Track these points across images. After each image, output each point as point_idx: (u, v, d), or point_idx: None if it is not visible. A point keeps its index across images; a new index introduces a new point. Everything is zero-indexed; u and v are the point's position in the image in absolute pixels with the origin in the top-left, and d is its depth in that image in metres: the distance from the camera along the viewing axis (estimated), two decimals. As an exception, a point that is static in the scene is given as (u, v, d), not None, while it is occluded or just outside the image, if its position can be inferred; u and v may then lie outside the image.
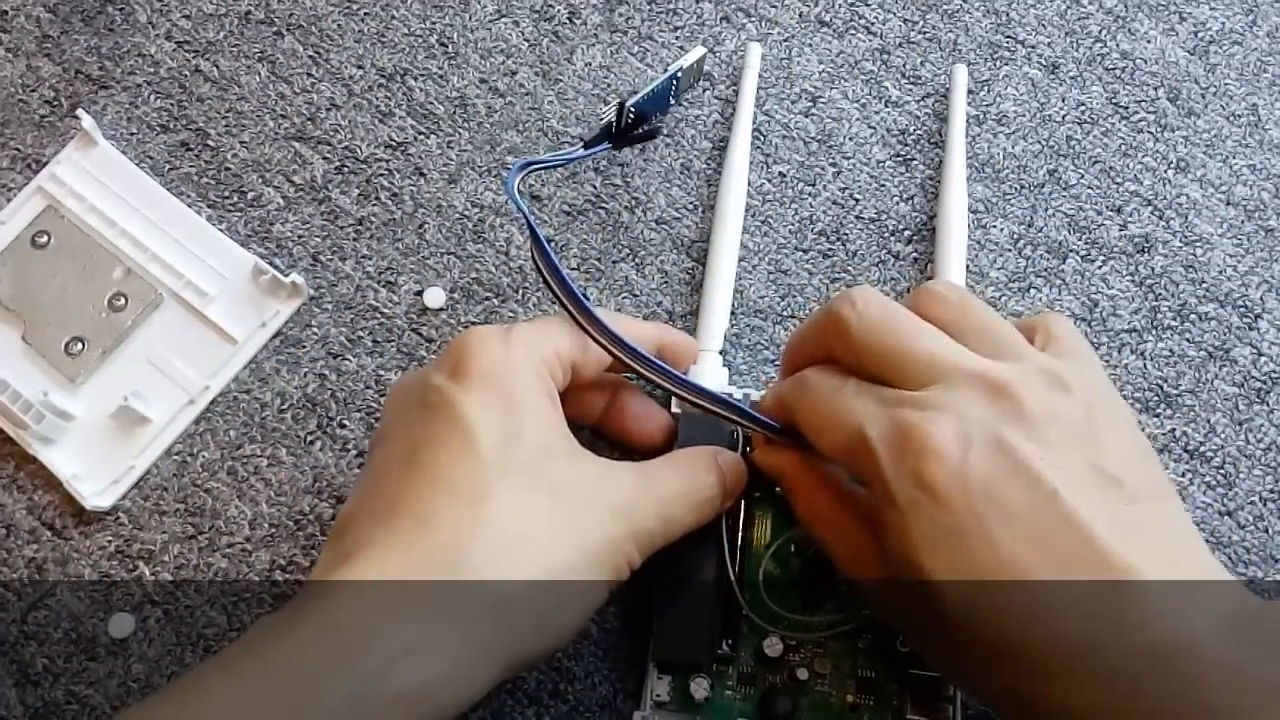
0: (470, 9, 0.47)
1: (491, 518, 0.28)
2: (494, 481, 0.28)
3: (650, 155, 0.44)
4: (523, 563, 0.28)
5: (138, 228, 0.43)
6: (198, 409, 0.41)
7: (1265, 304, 0.41)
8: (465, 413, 0.29)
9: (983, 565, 0.25)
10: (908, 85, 0.45)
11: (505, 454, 0.29)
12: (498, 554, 0.28)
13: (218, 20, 0.47)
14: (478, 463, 0.29)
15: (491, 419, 0.29)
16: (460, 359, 0.30)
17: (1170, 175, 0.43)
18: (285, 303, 0.43)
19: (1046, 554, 0.25)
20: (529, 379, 0.30)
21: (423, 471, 0.29)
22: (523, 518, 0.28)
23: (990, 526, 0.25)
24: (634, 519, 0.30)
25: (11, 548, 0.40)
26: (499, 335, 0.31)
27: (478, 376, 0.30)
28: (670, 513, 0.31)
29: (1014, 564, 0.25)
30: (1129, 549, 0.25)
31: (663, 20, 0.46)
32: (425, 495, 0.28)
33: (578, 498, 0.29)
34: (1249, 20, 0.46)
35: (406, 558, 0.27)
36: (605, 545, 0.29)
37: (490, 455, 0.29)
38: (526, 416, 0.30)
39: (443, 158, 0.45)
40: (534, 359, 0.31)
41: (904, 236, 0.43)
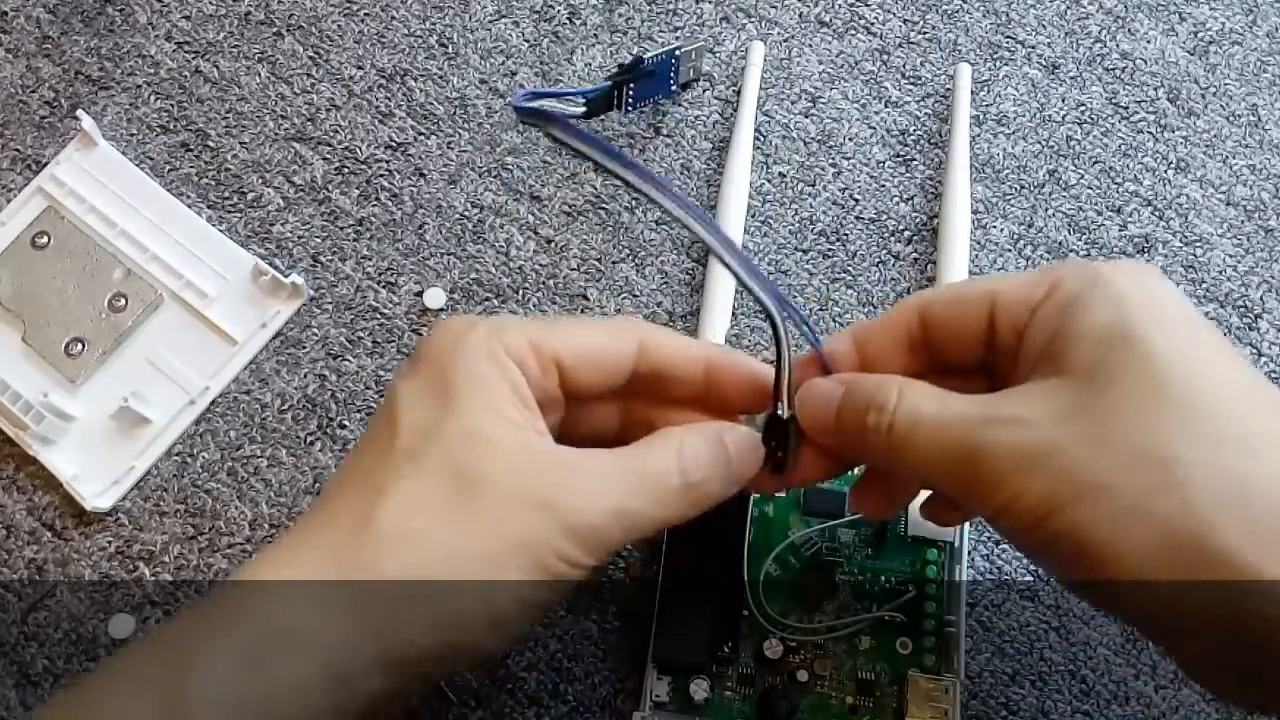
0: (470, 9, 0.47)
1: (384, 510, 0.26)
2: (400, 471, 0.27)
3: (650, 155, 0.44)
4: (409, 557, 0.26)
5: (138, 228, 0.43)
6: (198, 410, 0.41)
7: (1265, 304, 0.41)
8: (398, 400, 0.28)
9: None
10: (908, 85, 0.45)
11: (421, 442, 0.27)
12: (383, 548, 0.26)
13: (218, 21, 0.47)
14: (392, 451, 0.27)
15: (419, 405, 0.28)
16: (418, 348, 0.29)
17: (1170, 175, 0.43)
18: (285, 303, 0.43)
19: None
20: (475, 363, 0.28)
21: (348, 467, 0.29)
22: (419, 510, 0.26)
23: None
24: (566, 513, 0.27)
25: (11, 548, 0.40)
26: (464, 322, 0.29)
27: (424, 361, 0.29)
28: (624, 506, 0.28)
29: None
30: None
31: (663, 20, 0.46)
32: (342, 488, 0.28)
33: (498, 489, 0.27)
34: (1249, 20, 0.46)
35: (309, 554, 0.27)
36: (520, 540, 0.27)
37: (405, 444, 0.27)
38: (459, 401, 0.27)
39: (443, 158, 0.45)
40: (489, 344, 0.28)
41: (904, 236, 0.43)
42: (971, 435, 0.26)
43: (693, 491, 0.29)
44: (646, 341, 0.30)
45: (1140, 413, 0.24)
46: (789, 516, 0.37)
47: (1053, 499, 0.24)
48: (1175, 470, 0.23)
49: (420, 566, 0.26)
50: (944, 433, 0.26)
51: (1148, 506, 0.23)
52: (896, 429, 0.27)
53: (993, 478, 0.25)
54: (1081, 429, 0.24)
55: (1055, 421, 0.25)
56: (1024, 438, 0.25)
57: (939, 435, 0.26)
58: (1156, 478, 0.23)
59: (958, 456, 0.26)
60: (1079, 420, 0.24)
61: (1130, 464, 0.24)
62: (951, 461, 0.26)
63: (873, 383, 0.28)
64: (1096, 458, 0.24)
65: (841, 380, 0.29)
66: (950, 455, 0.26)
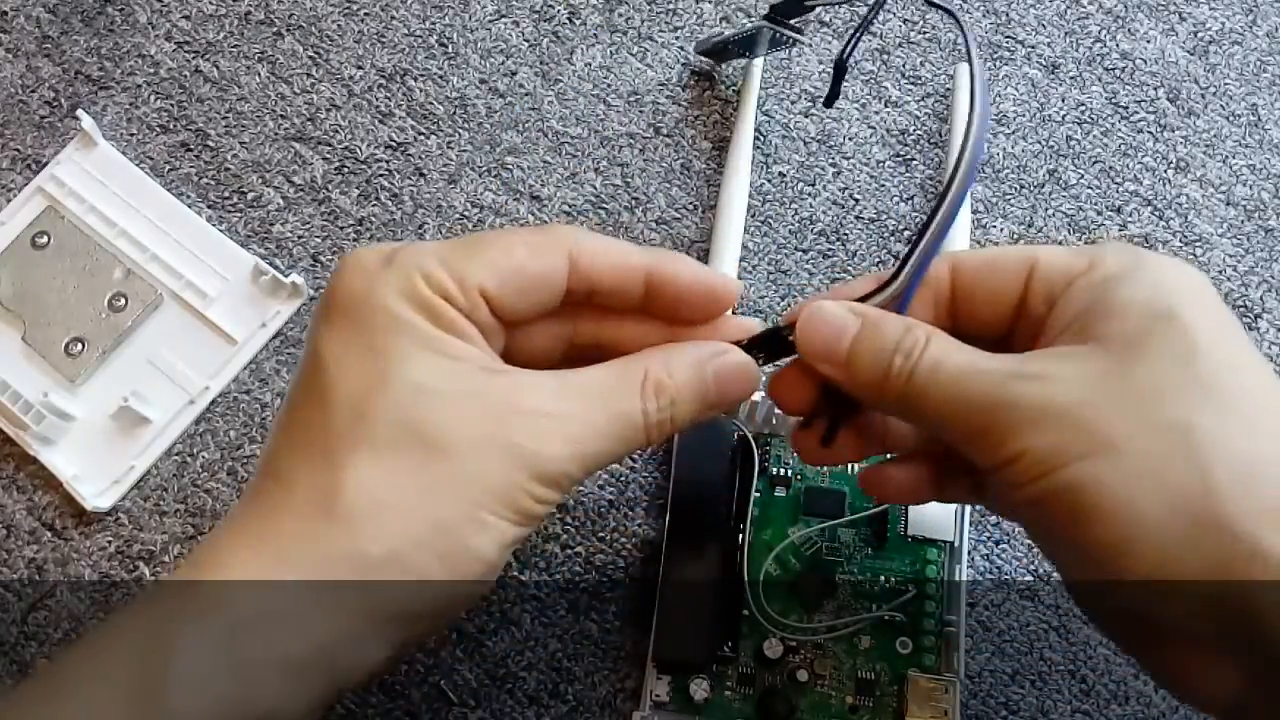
0: (470, 9, 0.47)
1: (349, 484, 0.25)
2: (353, 439, 0.25)
3: (650, 155, 0.44)
4: (388, 529, 0.25)
5: (138, 228, 0.43)
6: (198, 409, 0.41)
7: (1265, 304, 0.41)
8: (323, 357, 0.26)
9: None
10: (908, 85, 0.45)
11: (365, 405, 0.26)
12: (357, 522, 0.25)
13: (218, 21, 0.47)
14: (335, 417, 0.26)
15: (351, 363, 0.26)
16: (329, 289, 0.27)
17: (1170, 175, 0.43)
18: (285, 303, 0.43)
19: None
20: (398, 307, 0.26)
21: (288, 431, 0.27)
22: (385, 480, 0.25)
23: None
24: (534, 458, 0.26)
25: (12, 548, 0.40)
26: (372, 257, 0.27)
27: (339, 310, 0.27)
28: (591, 449, 0.27)
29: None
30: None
31: (663, 20, 0.46)
32: (286, 455, 0.26)
33: (461, 442, 0.26)
34: (1249, 20, 0.46)
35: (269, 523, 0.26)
36: (494, 490, 0.26)
37: (347, 408, 0.26)
38: (392, 353, 0.26)
39: (443, 158, 0.45)
40: (407, 282, 0.26)
41: (904, 236, 0.43)
42: (996, 387, 0.25)
43: (659, 428, 0.28)
44: (577, 254, 0.28)
45: (1171, 383, 0.24)
46: (789, 516, 0.37)
47: (1063, 452, 0.24)
48: (1195, 439, 0.24)
49: (401, 540, 0.25)
50: (967, 382, 0.26)
51: (1164, 470, 0.24)
52: (918, 374, 0.26)
53: (1007, 428, 0.25)
54: (1109, 391, 0.25)
55: (1084, 382, 0.25)
56: (1049, 392, 0.25)
57: (961, 385, 0.26)
58: (1177, 444, 0.24)
59: (977, 406, 0.26)
60: (1108, 383, 0.25)
61: (1153, 429, 0.24)
62: (969, 411, 0.26)
63: (900, 325, 0.27)
64: (1120, 419, 0.24)
65: (856, 311, 0.28)
66: (969, 404, 0.26)
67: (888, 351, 0.27)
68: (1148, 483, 0.24)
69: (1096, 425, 0.24)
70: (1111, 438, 0.24)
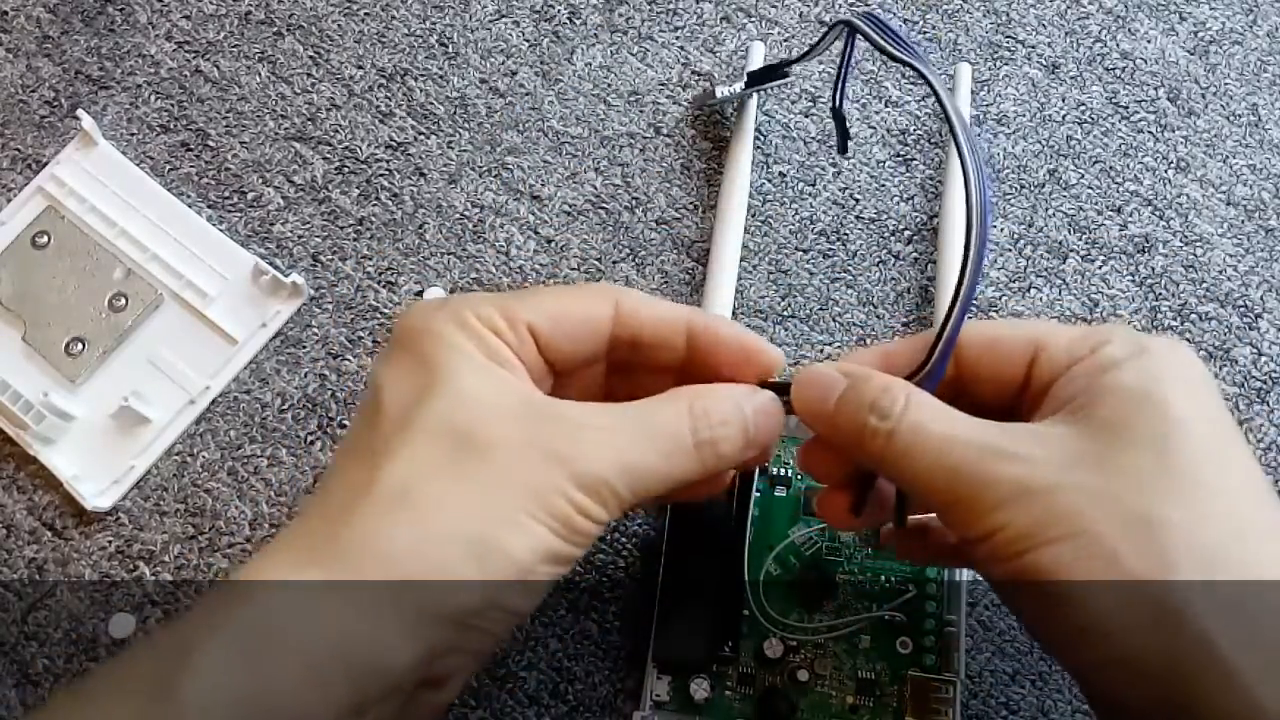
0: (470, 9, 0.47)
1: (384, 475, 0.26)
2: (390, 441, 0.26)
3: (650, 155, 0.44)
4: (418, 517, 0.25)
5: (138, 228, 0.43)
6: (198, 409, 0.41)
7: (1265, 304, 0.41)
8: (378, 379, 0.28)
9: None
10: (908, 85, 0.45)
11: (406, 413, 0.26)
12: (386, 510, 0.25)
13: (218, 21, 0.47)
14: (381, 424, 0.27)
15: (402, 379, 0.27)
16: (393, 333, 0.29)
17: (1170, 175, 0.43)
18: (285, 303, 0.43)
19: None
20: (450, 333, 0.28)
21: (340, 450, 0.28)
22: (421, 470, 0.26)
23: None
24: (575, 462, 0.26)
25: (12, 548, 0.40)
26: (433, 302, 0.29)
27: (398, 344, 0.28)
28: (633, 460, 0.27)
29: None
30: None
31: (663, 20, 0.46)
32: (332, 468, 0.28)
33: (499, 441, 0.26)
34: (1249, 20, 0.46)
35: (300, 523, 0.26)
36: (531, 488, 0.26)
37: (393, 414, 0.27)
38: (442, 368, 0.27)
39: (443, 158, 0.45)
40: (460, 314, 0.28)
41: (904, 236, 0.43)
42: (975, 462, 0.26)
43: (704, 449, 0.28)
44: (622, 306, 0.30)
45: (1144, 473, 0.25)
46: (789, 516, 0.37)
47: (1036, 535, 0.25)
48: (1160, 532, 0.24)
49: (435, 522, 0.25)
50: (947, 453, 0.26)
51: (1129, 560, 0.24)
52: (898, 438, 0.27)
53: (986, 505, 0.26)
54: (1083, 477, 0.25)
55: (1060, 465, 0.25)
56: (1026, 474, 0.25)
57: (941, 454, 0.26)
58: (1142, 534, 0.24)
59: (956, 478, 0.26)
60: (1083, 468, 0.25)
61: (1121, 518, 0.25)
62: (948, 481, 0.26)
63: (880, 383, 0.28)
64: (1090, 505, 0.25)
65: (845, 373, 0.29)
66: (949, 475, 0.26)
67: (864, 410, 0.27)
68: (1112, 571, 0.24)
69: (1069, 510, 0.25)
70: (1082, 524, 0.25)
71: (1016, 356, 0.29)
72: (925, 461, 0.26)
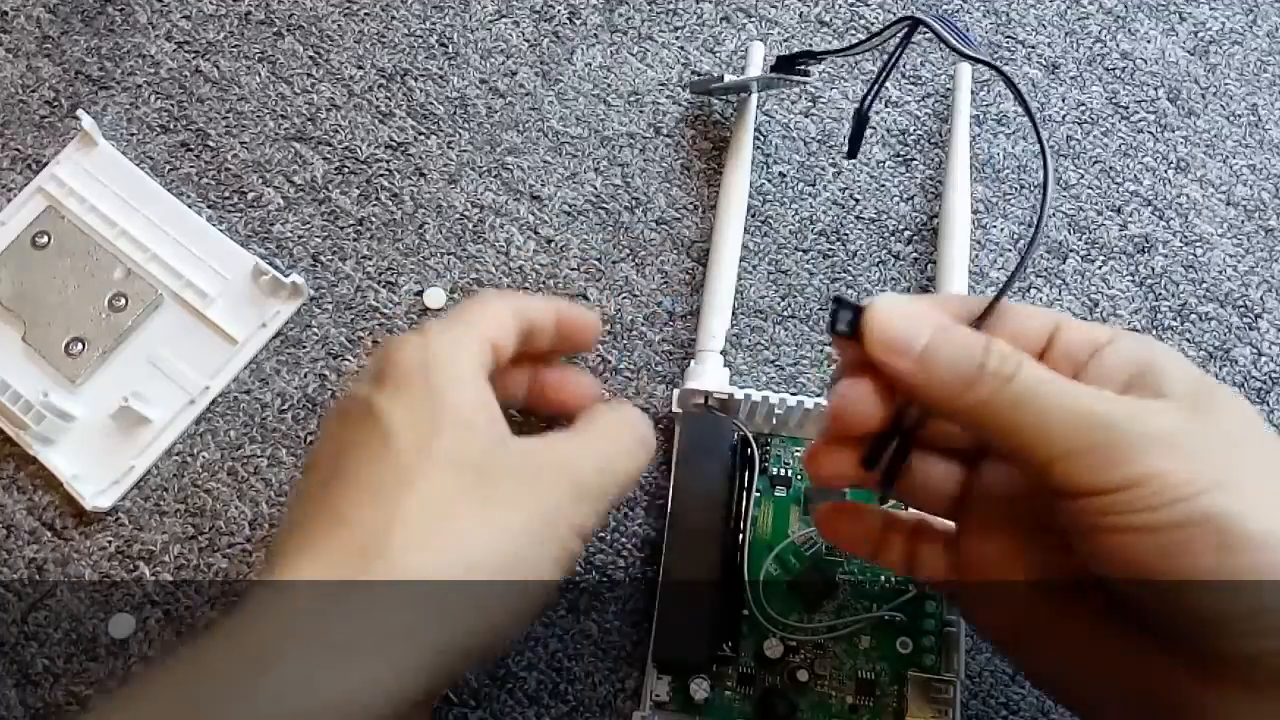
0: (470, 9, 0.47)
1: (410, 509, 0.27)
2: (412, 473, 0.27)
3: (650, 155, 0.44)
4: (445, 548, 0.26)
5: (138, 228, 0.43)
6: (198, 409, 0.41)
7: (1265, 304, 0.41)
8: (383, 413, 0.28)
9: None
10: (908, 85, 0.45)
11: (424, 445, 0.28)
12: (415, 544, 0.26)
13: (218, 21, 0.47)
14: (396, 458, 0.27)
15: (409, 415, 0.28)
16: (380, 367, 0.30)
17: (1170, 175, 0.43)
18: (285, 303, 0.43)
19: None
20: (451, 367, 0.29)
21: (344, 478, 0.28)
22: (444, 504, 0.27)
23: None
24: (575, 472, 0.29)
25: (12, 548, 0.40)
26: (416, 335, 0.30)
27: (396, 378, 0.29)
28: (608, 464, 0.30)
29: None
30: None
31: (663, 20, 0.46)
32: (346, 497, 0.28)
33: (512, 474, 0.28)
34: (1249, 20, 0.46)
35: (324, 560, 0.26)
36: (548, 515, 0.28)
37: (408, 449, 0.28)
38: (449, 404, 0.28)
39: (443, 158, 0.45)
40: (456, 348, 0.30)
41: (904, 236, 0.43)
42: (1109, 407, 0.25)
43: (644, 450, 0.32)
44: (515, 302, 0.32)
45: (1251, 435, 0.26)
46: (789, 516, 0.37)
47: (1196, 480, 0.24)
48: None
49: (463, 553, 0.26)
50: (1080, 398, 0.25)
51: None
52: (1018, 383, 0.26)
53: (1130, 450, 0.25)
54: (1211, 435, 0.25)
55: (1188, 421, 0.25)
56: (1167, 421, 0.25)
57: (1074, 400, 0.25)
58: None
59: (1093, 424, 0.25)
60: (1207, 428, 0.25)
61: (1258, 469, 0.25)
62: (1077, 428, 0.25)
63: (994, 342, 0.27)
64: (1228, 458, 0.25)
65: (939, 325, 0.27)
66: (1083, 421, 0.25)
67: (976, 352, 0.26)
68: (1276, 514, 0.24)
69: (1216, 460, 0.25)
70: (1231, 473, 0.25)
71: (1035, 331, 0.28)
72: (1049, 404, 0.25)
